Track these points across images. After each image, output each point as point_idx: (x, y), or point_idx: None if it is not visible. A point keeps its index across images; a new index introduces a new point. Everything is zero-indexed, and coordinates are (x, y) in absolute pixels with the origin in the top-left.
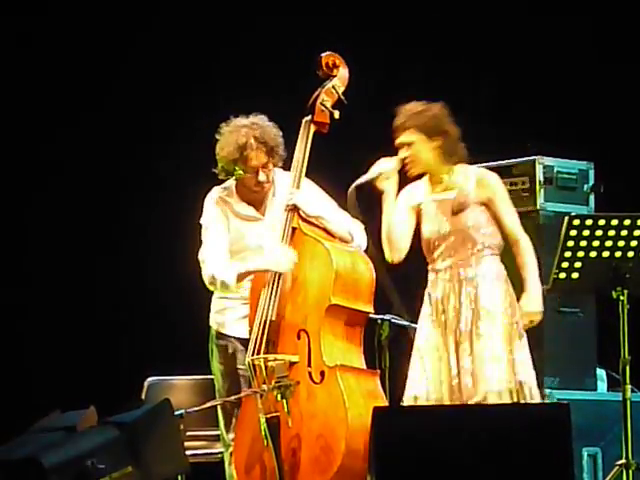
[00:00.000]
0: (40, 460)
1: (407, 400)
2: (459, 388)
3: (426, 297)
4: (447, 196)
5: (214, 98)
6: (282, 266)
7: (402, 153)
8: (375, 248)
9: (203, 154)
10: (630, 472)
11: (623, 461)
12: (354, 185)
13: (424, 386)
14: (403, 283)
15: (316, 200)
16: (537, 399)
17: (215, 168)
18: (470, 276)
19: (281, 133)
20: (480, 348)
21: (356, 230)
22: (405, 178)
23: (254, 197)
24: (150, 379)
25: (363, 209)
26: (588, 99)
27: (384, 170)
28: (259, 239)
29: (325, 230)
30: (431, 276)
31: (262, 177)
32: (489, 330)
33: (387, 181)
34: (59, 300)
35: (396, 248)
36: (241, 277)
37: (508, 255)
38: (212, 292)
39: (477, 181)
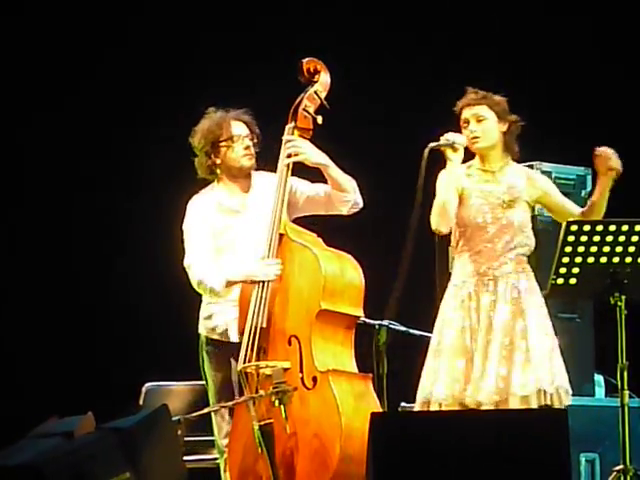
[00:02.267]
0: (38, 466)
1: (419, 400)
2: (480, 386)
3: (451, 290)
4: (496, 188)
5: (195, 108)
6: (268, 276)
7: (473, 126)
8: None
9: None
10: (628, 478)
11: (621, 467)
12: (429, 147)
13: (438, 387)
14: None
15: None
16: (568, 403)
17: (198, 170)
18: (507, 271)
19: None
20: (516, 346)
21: (354, 186)
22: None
23: (237, 188)
24: (148, 385)
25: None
26: (586, 104)
27: (456, 141)
28: (243, 234)
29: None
30: (463, 268)
31: (247, 142)
32: (526, 329)
33: (455, 152)
34: (56, 306)
35: (448, 217)
36: (229, 284)
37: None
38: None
39: (527, 179)
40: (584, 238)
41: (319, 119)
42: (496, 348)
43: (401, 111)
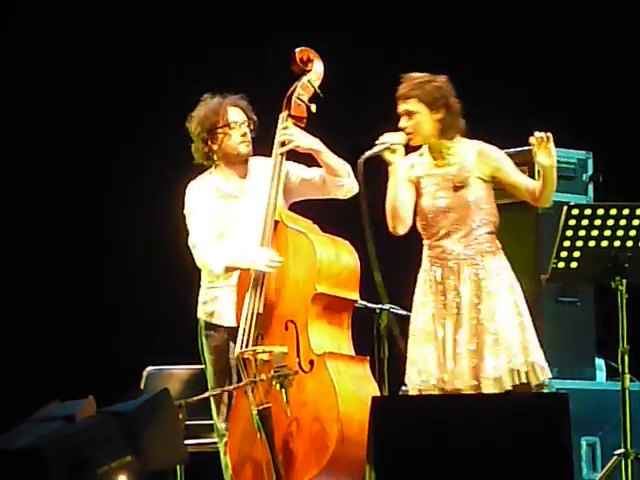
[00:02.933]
0: (39, 450)
1: (410, 384)
2: (455, 372)
3: (421, 276)
4: (447, 171)
5: (190, 98)
6: (267, 268)
7: (403, 122)
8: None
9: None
10: (629, 461)
11: (622, 450)
12: (363, 158)
13: (413, 374)
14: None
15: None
16: (545, 379)
17: (194, 156)
18: (471, 254)
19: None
20: (485, 328)
21: (348, 171)
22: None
23: (234, 174)
24: (149, 369)
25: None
26: (587, 88)
27: (391, 142)
28: (241, 219)
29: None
30: (428, 253)
31: (244, 129)
32: (493, 310)
33: (394, 154)
34: (58, 290)
35: (401, 221)
36: (229, 269)
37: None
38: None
39: (478, 155)
40: (585, 222)
41: (313, 107)
42: (465, 332)
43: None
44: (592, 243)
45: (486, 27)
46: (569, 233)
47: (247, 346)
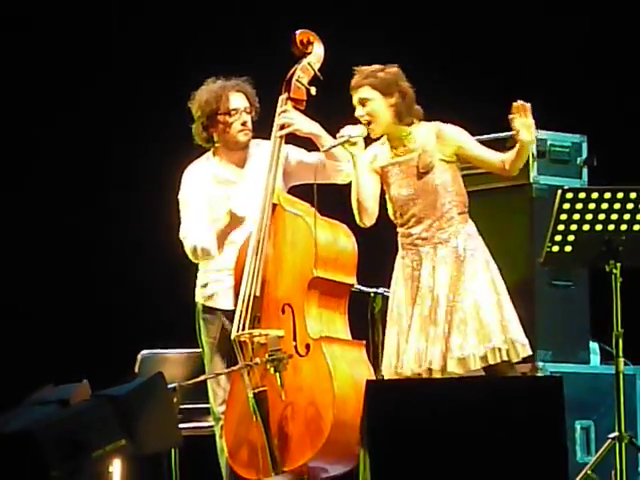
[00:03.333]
0: (33, 434)
1: (385, 369)
2: (429, 355)
3: (398, 262)
4: (410, 157)
5: (190, 80)
6: (242, 211)
7: (358, 111)
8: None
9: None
10: (623, 445)
11: (616, 434)
12: (322, 150)
13: (397, 357)
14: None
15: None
16: (525, 355)
17: (194, 137)
18: (444, 237)
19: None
20: (463, 309)
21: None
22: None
23: (233, 159)
24: (143, 352)
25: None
26: (582, 71)
27: (351, 135)
28: (240, 204)
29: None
30: (402, 240)
31: (245, 117)
32: (468, 290)
33: (354, 146)
34: (52, 274)
35: (366, 212)
36: (220, 239)
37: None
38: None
39: (437, 137)
40: (579, 206)
41: (312, 90)
42: (440, 315)
43: None
44: (586, 227)
45: (478, 11)
46: (563, 217)
47: (244, 329)
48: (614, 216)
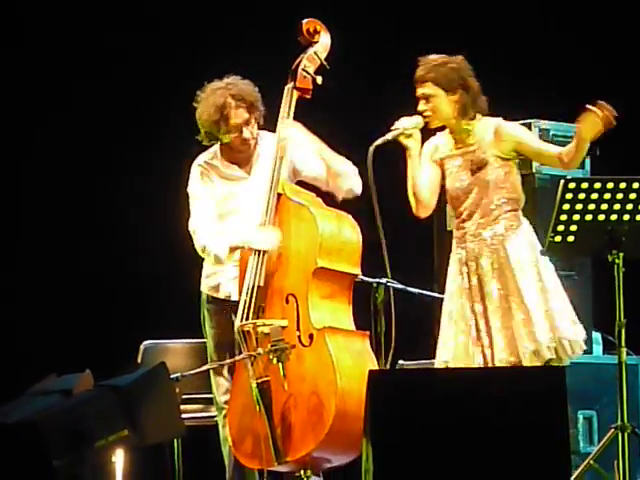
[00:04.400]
0: (36, 423)
1: (438, 365)
2: (488, 350)
3: (452, 256)
4: (467, 151)
5: (196, 64)
6: (266, 247)
7: (421, 106)
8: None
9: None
10: (625, 435)
11: (618, 424)
12: (374, 145)
13: (451, 352)
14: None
15: (309, 144)
16: (578, 352)
17: (198, 136)
18: (490, 234)
19: (257, 89)
20: (512, 306)
21: (351, 171)
22: (428, 133)
23: (240, 157)
24: (146, 343)
25: (378, 170)
26: (584, 62)
27: (406, 127)
28: (248, 200)
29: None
30: (456, 233)
31: (246, 134)
32: (520, 286)
33: (410, 138)
34: (54, 263)
35: (421, 203)
36: (232, 250)
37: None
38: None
39: (495, 134)
40: (582, 195)
41: (319, 79)
42: (492, 312)
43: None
44: (589, 217)
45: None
46: (566, 207)
47: (247, 319)
48: (617, 206)
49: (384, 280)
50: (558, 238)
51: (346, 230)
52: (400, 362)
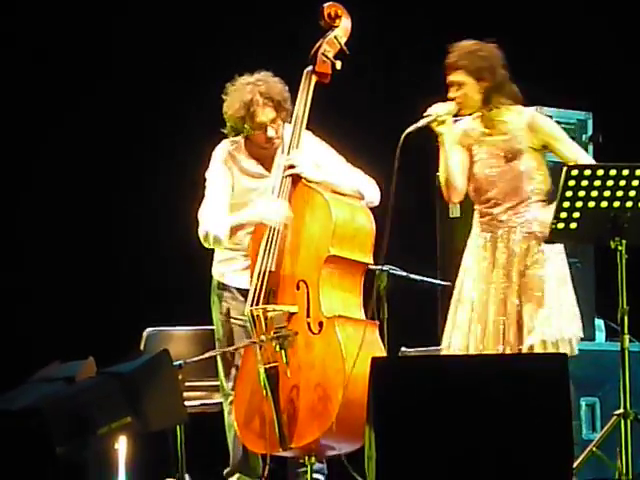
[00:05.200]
0: (39, 410)
1: (446, 351)
2: (503, 335)
3: (471, 240)
4: (498, 139)
5: (216, 54)
6: (274, 219)
7: (452, 93)
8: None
9: (205, 112)
10: (628, 422)
11: (621, 411)
12: (406, 132)
13: (456, 339)
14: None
15: (320, 157)
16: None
17: (224, 128)
18: (521, 221)
19: (287, 87)
20: (529, 297)
21: (366, 186)
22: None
23: (263, 153)
24: (149, 329)
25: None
26: (587, 48)
27: (439, 113)
28: (262, 196)
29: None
30: (479, 219)
31: (271, 132)
32: (540, 279)
33: (442, 125)
34: (57, 250)
35: (455, 190)
36: (234, 230)
37: None
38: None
39: (528, 125)
40: (585, 182)
41: (338, 64)
42: (512, 298)
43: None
44: (591, 204)
45: None
46: (568, 194)
47: (258, 303)
48: (619, 193)
49: (386, 267)
50: (561, 225)
51: (359, 217)
52: (402, 349)
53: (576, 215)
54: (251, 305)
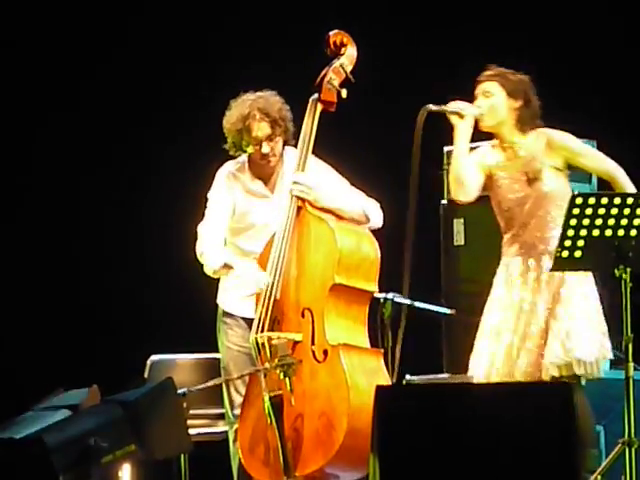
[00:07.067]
0: (43, 439)
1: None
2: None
3: (501, 269)
4: (519, 163)
5: (223, 78)
6: (254, 286)
7: (478, 102)
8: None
9: (208, 130)
10: (632, 450)
11: (625, 439)
12: (429, 108)
13: (478, 369)
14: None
15: (324, 180)
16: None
17: (225, 144)
18: (550, 248)
19: (288, 107)
20: (555, 319)
21: (371, 209)
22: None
23: (265, 173)
24: (153, 357)
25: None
26: (592, 76)
27: (463, 109)
28: (266, 217)
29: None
30: (506, 249)
31: (265, 149)
32: (568, 301)
33: (461, 120)
34: (61, 276)
35: (462, 185)
36: (226, 267)
37: None
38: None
39: (547, 144)
40: (589, 211)
41: (343, 93)
42: (538, 326)
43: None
44: (596, 232)
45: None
46: (573, 222)
47: (262, 331)
48: (624, 221)
49: (391, 295)
50: (565, 253)
51: (365, 246)
52: (407, 377)
53: (580, 243)
54: (256, 332)
